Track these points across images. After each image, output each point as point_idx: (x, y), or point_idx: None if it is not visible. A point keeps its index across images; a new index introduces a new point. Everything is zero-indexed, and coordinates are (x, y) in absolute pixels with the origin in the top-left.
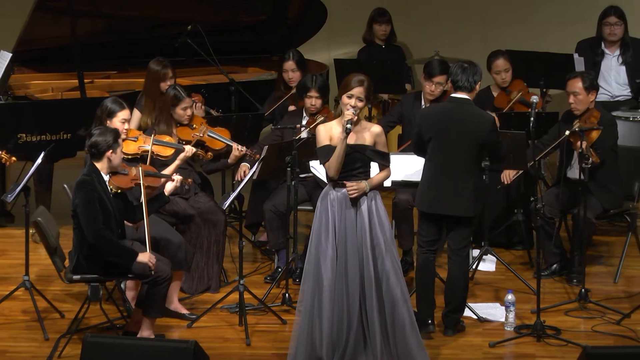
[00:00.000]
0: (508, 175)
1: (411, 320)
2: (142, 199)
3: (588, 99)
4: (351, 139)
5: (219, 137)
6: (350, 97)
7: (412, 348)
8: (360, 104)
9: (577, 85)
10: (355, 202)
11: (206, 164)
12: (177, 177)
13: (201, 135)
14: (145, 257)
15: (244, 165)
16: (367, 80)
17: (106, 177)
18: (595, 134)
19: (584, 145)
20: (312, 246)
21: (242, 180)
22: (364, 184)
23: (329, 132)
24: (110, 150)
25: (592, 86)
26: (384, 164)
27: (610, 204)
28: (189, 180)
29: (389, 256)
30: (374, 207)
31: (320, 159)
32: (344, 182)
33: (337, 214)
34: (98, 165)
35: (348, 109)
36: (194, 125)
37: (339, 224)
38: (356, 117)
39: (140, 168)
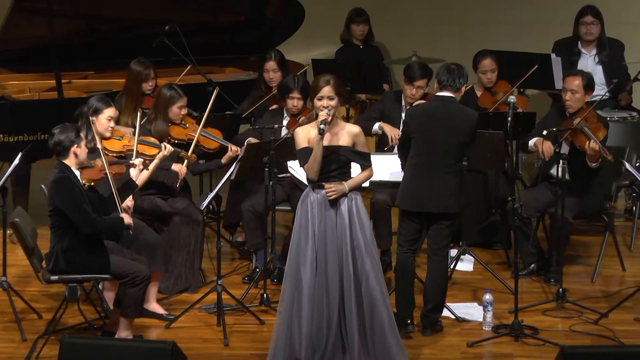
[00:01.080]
0: (549, 149)
1: (390, 321)
2: (112, 187)
3: (584, 99)
4: (327, 140)
5: (214, 137)
6: (320, 98)
7: (391, 348)
8: (332, 103)
9: (576, 83)
10: (335, 203)
11: (193, 165)
12: (168, 147)
13: (195, 134)
14: (127, 218)
15: None
16: (333, 77)
17: (77, 173)
18: (602, 134)
19: (592, 145)
20: (293, 248)
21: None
22: (342, 186)
23: (307, 134)
24: (75, 145)
25: (590, 86)
26: (365, 164)
27: (591, 207)
28: (193, 156)
29: (369, 257)
30: (354, 208)
31: (299, 161)
32: (323, 183)
33: (317, 215)
34: (66, 162)
35: (321, 110)
36: (187, 125)
37: (318, 226)
38: (330, 117)
39: (103, 158)
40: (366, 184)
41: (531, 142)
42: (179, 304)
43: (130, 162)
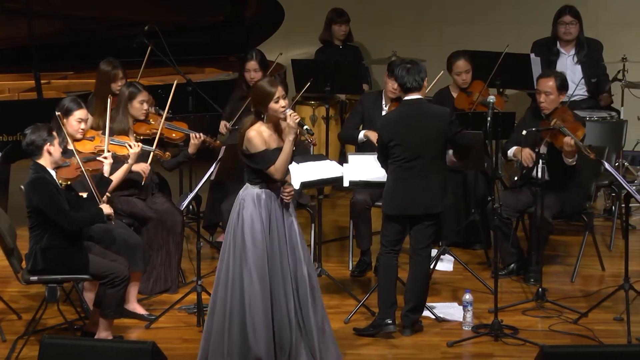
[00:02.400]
0: (529, 155)
1: (330, 327)
2: (90, 185)
3: (559, 99)
4: (278, 141)
5: (177, 128)
6: (277, 100)
7: (329, 351)
8: (287, 101)
9: (549, 84)
10: (283, 203)
11: (166, 161)
12: (140, 145)
13: (158, 128)
14: (107, 208)
15: None
16: (275, 77)
17: (53, 173)
18: (581, 132)
19: (569, 141)
20: (238, 246)
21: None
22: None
23: (262, 136)
24: (48, 144)
25: (564, 87)
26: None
27: (571, 207)
28: (167, 153)
29: (311, 266)
30: (295, 213)
31: (261, 164)
32: (284, 186)
33: (274, 216)
34: (41, 162)
35: (283, 111)
36: (151, 121)
37: (272, 225)
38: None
39: (77, 156)
40: (346, 184)
41: (510, 153)
42: (159, 305)
43: (102, 157)
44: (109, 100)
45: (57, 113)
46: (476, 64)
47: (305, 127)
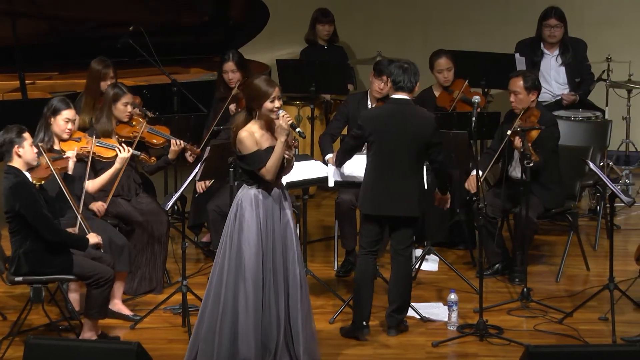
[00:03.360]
0: (472, 183)
1: (313, 328)
2: (60, 183)
3: (528, 99)
4: (270, 141)
5: (158, 132)
6: (273, 100)
7: (315, 354)
8: (280, 102)
9: (518, 84)
10: (282, 203)
11: (148, 165)
12: (127, 149)
13: (140, 131)
14: (93, 238)
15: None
16: (271, 78)
17: (27, 175)
18: (535, 133)
19: (518, 144)
20: (234, 249)
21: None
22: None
23: (253, 137)
24: (16, 146)
25: (534, 86)
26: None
27: (551, 204)
28: (153, 158)
29: (301, 264)
30: (292, 208)
31: (253, 165)
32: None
33: (270, 215)
34: (14, 164)
35: (276, 111)
36: (134, 123)
37: (271, 226)
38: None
39: (45, 155)
40: (331, 184)
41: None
42: (144, 305)
43: (65, 155)
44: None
45: (44, 110)
46: (459, 64)
47: (297, 129)
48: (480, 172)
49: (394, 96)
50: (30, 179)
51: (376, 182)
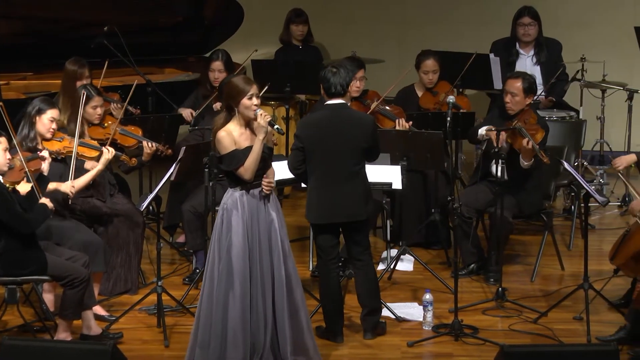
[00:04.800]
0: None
1: (308, 324)
2: (33, 183)
3: (525, 102)
4: (250, 140)
5: (130, 134)
6: (250, 97)
7: (308, 351)
8: (259, 101)
9: (517, 85)
10: (266, 202)
11: (124, 164)
12: (111, 150)
13: (112, 133)
14: (46, 201)
15: None
16: (248, 76)
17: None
18: (540, 135)
19: (529, 145)
20: (223, 253)
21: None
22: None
23: (232, 136)
24: None
25: (531, 89)
26: (271, 162)
27: (529, 208)
28: (134, 159)
29: (291, 258)
30: (279, 207)
31: (231, 164)
32: (264, 180)
33: (254, 216)
34: None
35: (255, 109)
36: (105, 125)
37: (254, 227)
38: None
39: (20, 156)
40: (306, 184)
41: (482, 131)
42: (119, 306)
43: (39, 154)
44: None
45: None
46: (442, 64)
47: (276, 126)
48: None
49: (328, 102)
50: (2, 182)
51: (319, 190)
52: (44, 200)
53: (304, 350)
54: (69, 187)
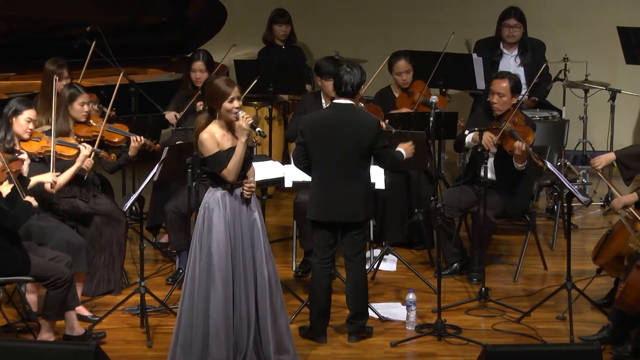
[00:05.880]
0: (490, 139)
1: (287, 325)
2: (15, 184)
3: (511, 101)
4: (232, 141)
5: (117, 130)
6: (231, 100)
7: (288, 354)
8: (240, 103)
9: (503, 85)
10: (248, 203)
11: (107, 163)
12: (88, 147)
13: (99, 130)
14: (32, 200)
15: None
16: (230, 78)
17: None
18: (532, 138)
19: (523, 147)
20: (204, 252)
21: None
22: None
23: (214, 138)
24: None
25: (517, 88)
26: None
27: (514, 209)
28: (113, 156)
29: (271, 260)
30: (259, 208)
31: (215, 167)
32: (244, 182)
33: (236, 216)
34: None
35: (236, 112)
36: (92, 123)
37: (236, 227)
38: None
39: (1, 157)
40: (289, 184)
41: (468, 138)
42: (103, 306)
43: (19, 156)
44: (54, 100)
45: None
46: (418, 64)
47: (257, 129)
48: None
49: (336, 101)
50: None
51: (321, 188)
52: (29, 198)
53: (285, 349)
54: (51, 177)
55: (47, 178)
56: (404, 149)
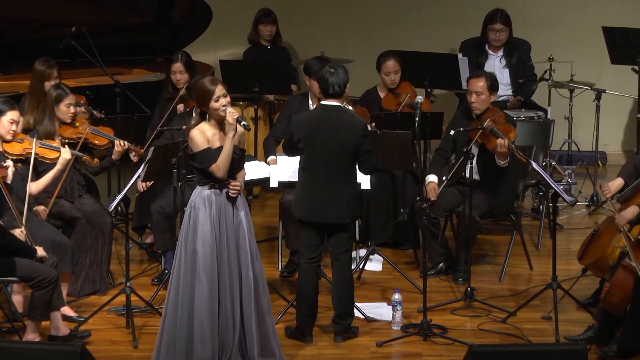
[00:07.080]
0: (433, 191)
1: (273, 327)
2: (2, 189)
3: (489, 99)
4: (221, 140)
5: (102, 134)
6: (217, 99)
7: (276, 355)
8: (227, 99)
9: (480, 84)
10: (234, 202)
11: (88, 165)
12: (69, 150)
13: (84, 133)
14: (41, 251)
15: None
16: (215, 77)
17: None
18: (513, 135)
19: (505, 145)
20: (189, 250)
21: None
22: (241, 184)
23: (205, 135)
24: None
25: (494, 86)
26: (243, 164)
27: (499, 208)
28: (96, 160)
29: (258, 261)
30: (247, 209)
31: (204, 163)
32: (230, 181)
33: (222, 215)
34: None
35: (224, 109)
36: (77, 124)
37: (221, 226)
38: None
39: None
40: (274, 184)
41: (426, 180)
42: (88, 306)
43: (4, 164)
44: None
45: None
46: (405, 64)
47: (242, 122)
48: (436, 179)
49: (323, 102)
50: None
51: (307, 188)
52: (39, 249)
53: (271, 352)
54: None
55: (40, 252)
56: None
